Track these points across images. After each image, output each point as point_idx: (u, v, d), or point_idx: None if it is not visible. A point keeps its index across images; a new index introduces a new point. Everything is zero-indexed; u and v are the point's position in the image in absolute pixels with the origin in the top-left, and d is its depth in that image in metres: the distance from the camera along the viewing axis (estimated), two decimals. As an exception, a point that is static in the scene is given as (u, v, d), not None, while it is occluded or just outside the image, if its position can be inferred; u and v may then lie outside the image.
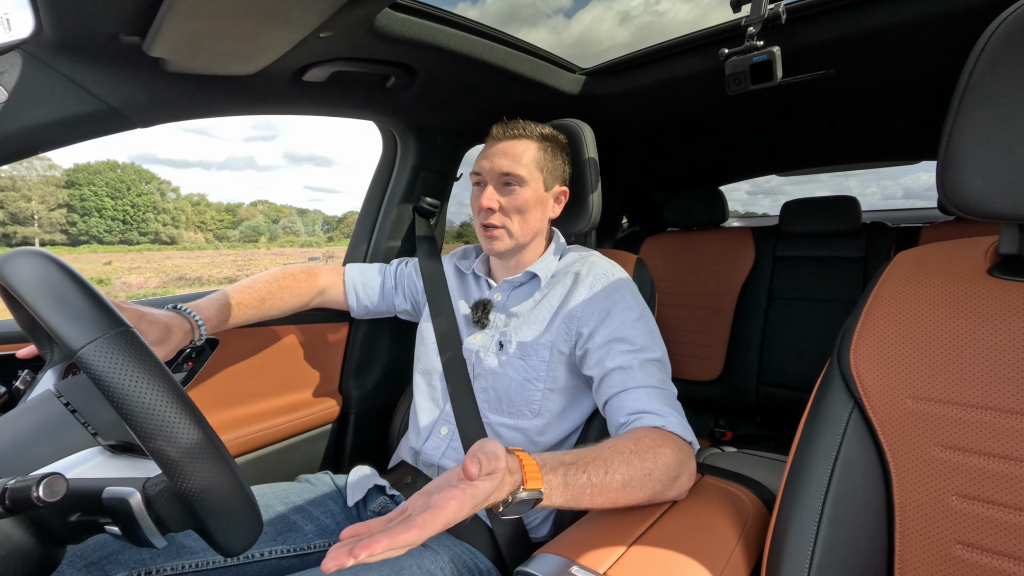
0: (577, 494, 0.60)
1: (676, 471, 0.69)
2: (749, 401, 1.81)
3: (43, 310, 0.44)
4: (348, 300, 1.12)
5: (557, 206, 0.98)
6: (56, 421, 0.51)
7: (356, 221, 1.39)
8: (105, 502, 0.45)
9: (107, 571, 0.69)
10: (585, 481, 0.60)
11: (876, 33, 0.95)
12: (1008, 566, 0.48)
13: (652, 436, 0.70)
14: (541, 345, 0.87)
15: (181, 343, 0.80)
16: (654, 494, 0.67)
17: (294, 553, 0.83)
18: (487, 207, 0.91)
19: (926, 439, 0.53)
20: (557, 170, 0.96)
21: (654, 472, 0.66)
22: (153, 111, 0.84)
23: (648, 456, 0.66)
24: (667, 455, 0.68)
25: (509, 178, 0.91)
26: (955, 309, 0.55)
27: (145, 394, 0.42)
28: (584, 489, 0.60)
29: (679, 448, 0.71)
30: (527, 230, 0.93)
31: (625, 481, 0.63)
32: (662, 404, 0.75)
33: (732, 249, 1.89)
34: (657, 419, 0.73)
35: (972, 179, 0.50)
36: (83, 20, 0.66)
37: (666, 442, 0.70)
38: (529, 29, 39.58)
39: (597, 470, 0.62)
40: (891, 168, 2.56)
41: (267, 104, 0.99)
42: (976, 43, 0.51)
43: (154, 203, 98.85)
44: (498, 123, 0.96)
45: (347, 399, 1.29)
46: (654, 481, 0.66)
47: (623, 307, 0.85)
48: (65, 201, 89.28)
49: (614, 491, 0.62)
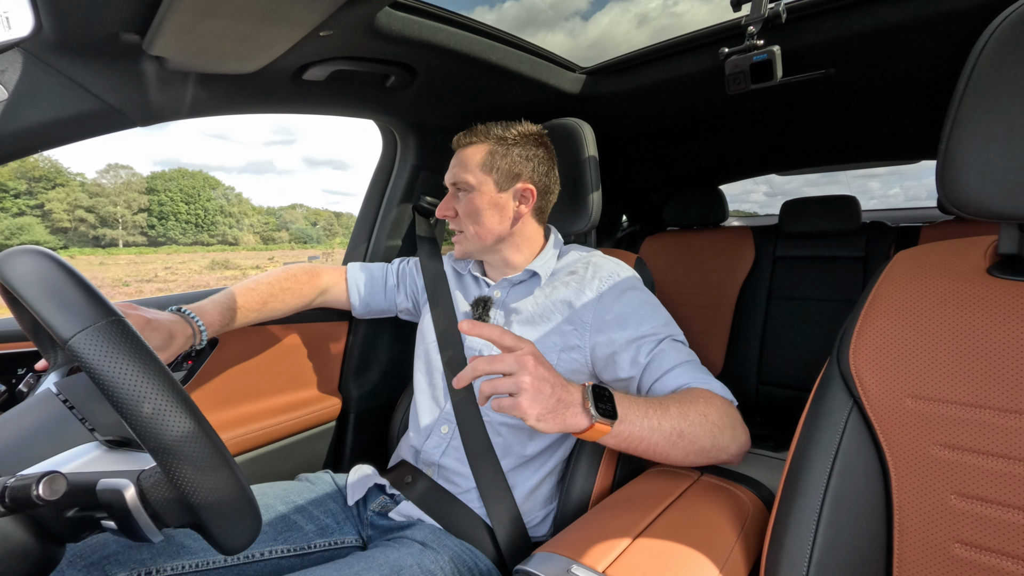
0: (642, 408, 0.66)
1: (730, 421, 0.74)
2: (749, 400, 1.81)
3: (36, 302, 0.44)
4: (350, 299, 1.12)
5: (523, 205, 0.94)
6: (55, 419, 0.51)
7: (355, 221, 1.39)
8: (100, 495, 0.45)
9: (107, 571, 0.69)
10: (643, 401, 0.68)
11: (876, 33, 0.95)
12: (1007, 565, 0.48)
13: (699, 392, 0.76)
14: (548, 346, 0.87)
15: (182, 348, 0.80)
16: (712, 437, 0.71)
17: (294, 552, 0.83)
18: (441, 214, 0.98)
19: (925, 438, 0.53)
20: (515, 167, 0.92)
21: (709, 416, 0.71)
22: (153, 110, 0.84)
23: (700, 403, 0.72)
24: (719, 406, 0.74)
25: (458, 186, 0.95)
26: (955, 309, 0.55)
27: (136, 382, 0.41)
28: (645, 406, 0.67)
29: (728, 406, 0.76)
30: (484, 233, 0.94)
31: (682, 413, 0.69)
32: (699, 374, 0.80)
33: (732, 248, 1.89)
34: (703, 384, 0.78)
35: (972, 179, 0.50)
36: (83, 19, 0.66)
37: (715, 398, 0.75)
38: (546, 32, 38.67)
39: (649, 401, 0.69)
40: (914, 168, 2.55)
41: (267, 103, 0.99)
42: (976, 43, 0.51)
43: (221, 207, 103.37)
44: (461, 132, 0.98)
45: (347, 398, 1.29)
46: (711, 424, 0.71)
47: (636, 306, 0.86)
48: (145, 206, 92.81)
49: (673, 417, 0.68)
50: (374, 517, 0.91)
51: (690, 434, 0.69)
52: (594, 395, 0.62)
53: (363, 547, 0.90)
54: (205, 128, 29.08)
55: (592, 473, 0.86)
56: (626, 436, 0.65)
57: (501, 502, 0.85)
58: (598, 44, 25.47)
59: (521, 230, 0.96)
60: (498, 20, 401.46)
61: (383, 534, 0.88)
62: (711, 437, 0.70)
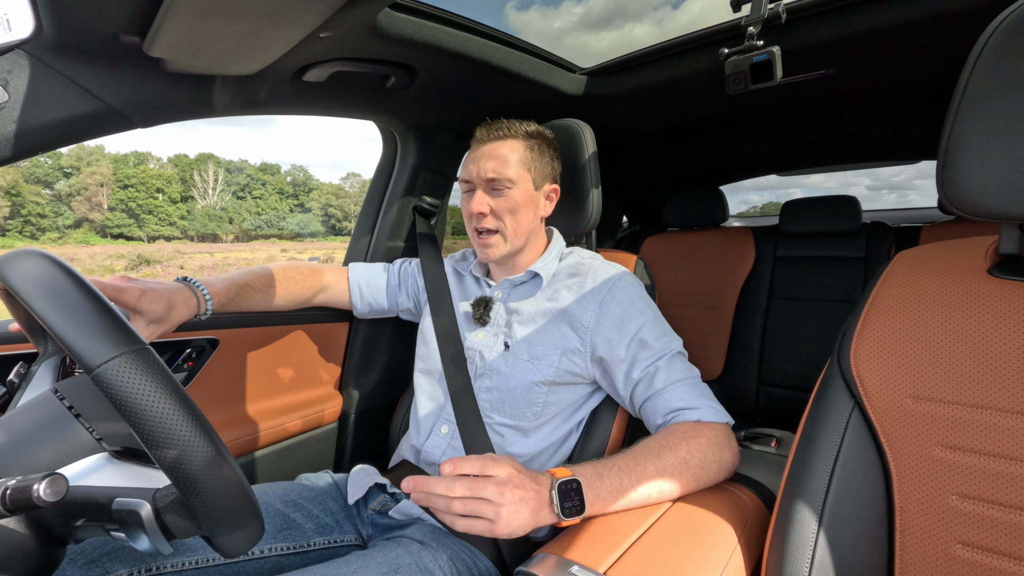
0: (615, 484, 0.67)
1: (716, 455, 0.74)
2: (749, 401, 1.81)
3: (57, 326, 0.44)
4: (352, 298, 1.12)
5: (549, 204, 0.98)
6: (57, 422, 0.51)
7: (356, 221, 1.39)
8: (115, 513, 0.46)
9: (107, 568, 0.69)
10: (616, 470, 0.68)
11: (876, 33, 0.95)
12: (1008, 566, 0.48)
13: (684, 428, 0.75)
14: (548, 349, 0.87)
15: (184, 316, 0.80)
16: (696, 479, 0.72)
17: (294, 551, 0.83)
18: (477, 212, 0.91)
19: (926, 439, 0.53)
20: (546, 168, 0.95)
21: (690, 460, 0.71)
22: (153, 111, 0.84)
23: (681, 447, 0.72)
24: (702, 444, 0.73)
25: (497, 183, 0.91)
26: (955, 309, 0.55)
27: (162, 413, 0.42)
28: (619, 477, 0.67)
29: (716, 434, 0.76)
30: (520, 231, 0.93)
31: (659, 469, 0.69)
32: (693, 395, 0.79)
33: (732, 249, 1.89)
34: (692, 413, 0.77)
35: (972, 179, 0.50)
36: (83, 20, 0.66)
37: (700, 432, 0.75)
38: (634, 24, 36.74)
39: (626, 462, 0.69)
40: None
41: (267, 104, 0.99)
42: (976, 43, 0.51)
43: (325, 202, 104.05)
44: (482, 125, 0.95)
45: (348, 398, 1.29)
46: (693, 467, 0.71)
47: (635, 312, 0.86)
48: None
49: (650, 478, 0.68)
50: (374, 516, 0.91)
51: (670, 489, 0.70)
52: (560, 495, 0.64)
53: (363, 546, 0.90)
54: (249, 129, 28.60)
55: (592, 474, 0.86)
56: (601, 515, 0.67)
57: (501, 502, 0.86)
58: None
59: (539, 230, 0.98)
60: (587, 12, 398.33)
61: (383, 533, 0.88)
62: (694, 480, 0.72)
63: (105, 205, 63.90)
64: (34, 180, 63.30)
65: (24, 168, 62.72)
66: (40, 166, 63.20)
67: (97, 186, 63.74)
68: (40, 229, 60.27)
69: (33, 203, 60.61)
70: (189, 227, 69.20)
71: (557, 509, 0.63)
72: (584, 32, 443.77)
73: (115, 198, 64.55)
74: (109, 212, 64.11)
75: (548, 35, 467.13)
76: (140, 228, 64.86)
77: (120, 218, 63.98)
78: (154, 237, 64.81)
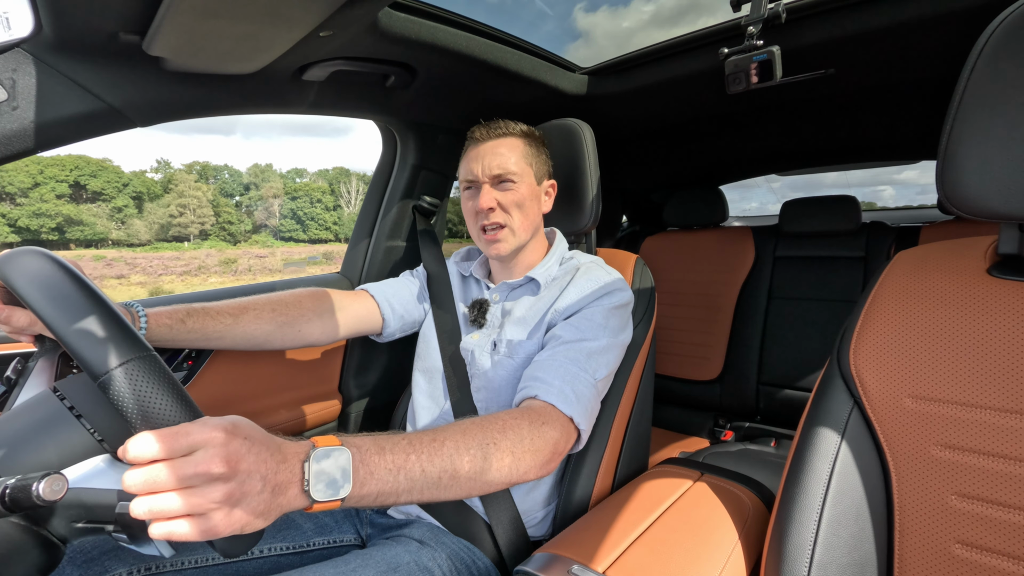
0: (398, 461, 0.54)
1: (533, 444, 0.65)
2: (749, 401, 1.81)
3: (62, 331, 0.45)
4: (383, 313, 1.03)
5: (548, 200, 1.00)
6: (58, 422, 0.51)
7: (356, 221, 1.39)
8: (118, 516, 0.46)
9: (106, 567, 0.69)
10: (405, 444, 0.55)
11: (876, 33, 0.95)
12: (1007, 565, 0.48)
13: (517, 409, 0.69)
14: (531, 344, 0.87)
15: None
16: (508, 468, 0.62)
17: (294, 551, 0.83)
18: (486, 207, 0.90)
19: (925, 438, 0.53)
20: (543, 164, 0.98)
21: (501, 442, 0.62)
22: (153, 110, 0.84)
23: (494, 427, 0.63)
24: (522, 426, 0.65)
25: (503, 177, 0.91)
26: (955, 309, 0.55)
27: (168, 419, 0.43)
28: (405, 453, 0.55)
29: (544, 420, 0.68)
30: (527, 225, 0.93)
31: (460, 446, 0.59)
32: (555, 375, 0.74)
33: (732, 249, 1.89)
34: (540, 387, 0.73)
35: (972, 179, 0.50)
36: (83, 19, 0.66)
37: (529, 414, 0.67)
38: (708, 18, 35.36)
39: (423, 438, 0.57)
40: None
41: (267, 103, 0.99)
42: (976, 43, 0.51)
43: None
44: (478, 125, 0.95)
45: (347, 398, 1.29)
46: (504, 451, 0.62)
47: (592, 311, 0.84)
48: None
49: (446, 459, 0.57)
50: (373, 515, 0.91)
51: (467, 475, 0.59)
52: (315, 471, 0.48)
53: (362, 545, 0.90)
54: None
55: (592, 473, 0.86)
56: (373, 498, 0.53)
57: (500, 501, 0.85)
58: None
59: (540, 227, 0.99)
60: (657, 10, 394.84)
61: (382, 532, 0.88)
62: (505, 470, 0.62)
63: (278, 213, 76.17)
64: (225, 194, 76.44)
65: (216, 185, 73.49)
66: (227, 183, 77.78)
67: (271, 197, 76.59)
68: (231, 235, 68.31)
69: (226, 212, 71.05)
70: (340, 231, 76.53)
71: (308, 487, 0.47)
72: (654, 30, 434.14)
73: (287, 207, 76.83)
74: (281, 219, 75.80)
75: (616, 35, 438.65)
76: (304, 232, 75.37)
77: (290, 224, 75.59)
78: (315, 240, 73.27)
